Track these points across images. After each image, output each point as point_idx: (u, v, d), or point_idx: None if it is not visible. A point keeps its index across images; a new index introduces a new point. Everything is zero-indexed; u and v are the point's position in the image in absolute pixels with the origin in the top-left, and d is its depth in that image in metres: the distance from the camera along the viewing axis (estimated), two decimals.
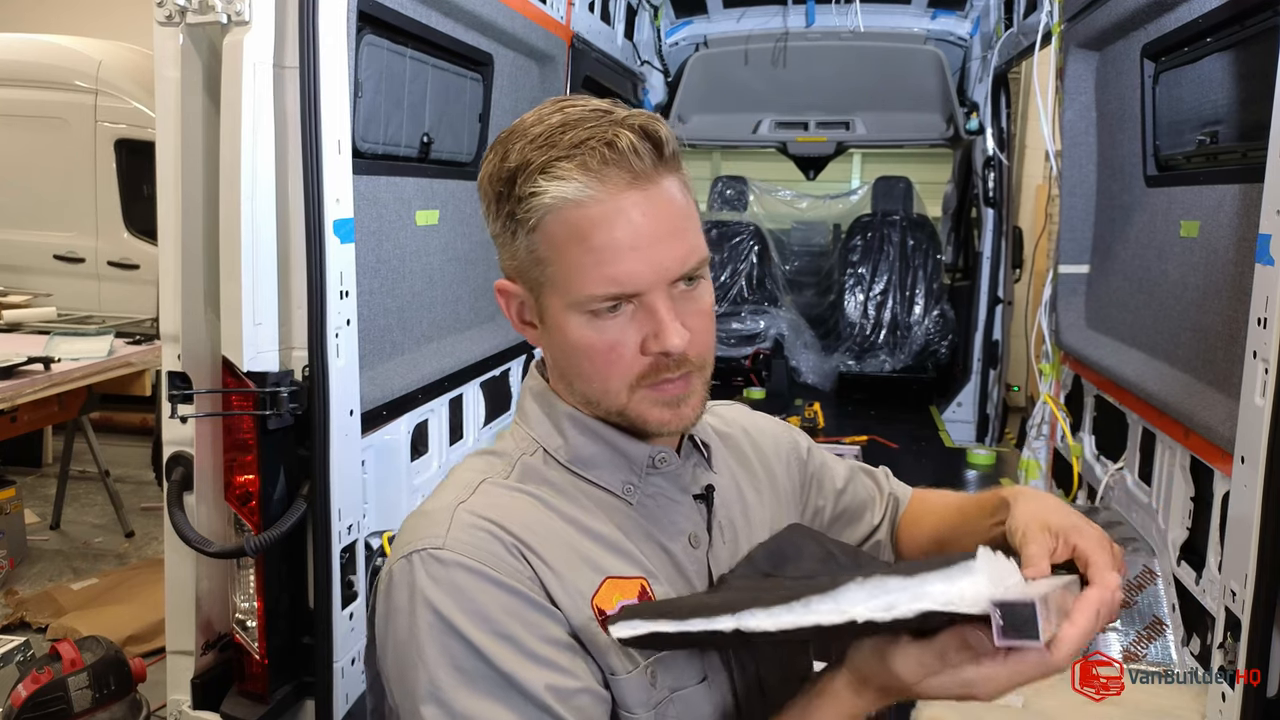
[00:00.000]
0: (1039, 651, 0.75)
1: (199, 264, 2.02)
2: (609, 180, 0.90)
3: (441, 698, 0.88)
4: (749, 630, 0.78)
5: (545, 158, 0.91)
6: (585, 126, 0.91)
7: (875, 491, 1.31)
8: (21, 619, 3.80)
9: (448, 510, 0.95)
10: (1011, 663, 0.76)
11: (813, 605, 0.76)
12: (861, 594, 0.75)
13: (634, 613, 0.84)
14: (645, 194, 0.92)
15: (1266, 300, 1.72)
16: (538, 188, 0.91)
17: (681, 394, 0.97)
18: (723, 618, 0.79)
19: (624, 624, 0.83)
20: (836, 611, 0.75)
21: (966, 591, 0.72)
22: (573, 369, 0.99)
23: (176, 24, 1.92)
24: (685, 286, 0.95)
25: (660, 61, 4.81)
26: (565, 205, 0.91)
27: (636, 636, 0.82)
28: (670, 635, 0.82)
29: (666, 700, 0.94)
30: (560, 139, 0.91)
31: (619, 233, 0.90)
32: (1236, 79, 2.32)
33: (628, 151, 0.90)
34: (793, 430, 1.30)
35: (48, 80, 5.89)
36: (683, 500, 1.05)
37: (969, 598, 0.72)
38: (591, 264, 0.91)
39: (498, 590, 0.90)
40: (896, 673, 0.79)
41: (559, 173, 0.90)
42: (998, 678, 0.77)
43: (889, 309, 5.35)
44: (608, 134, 0.90)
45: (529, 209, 0.93)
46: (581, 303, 0.93)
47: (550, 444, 1.03)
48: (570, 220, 0.91)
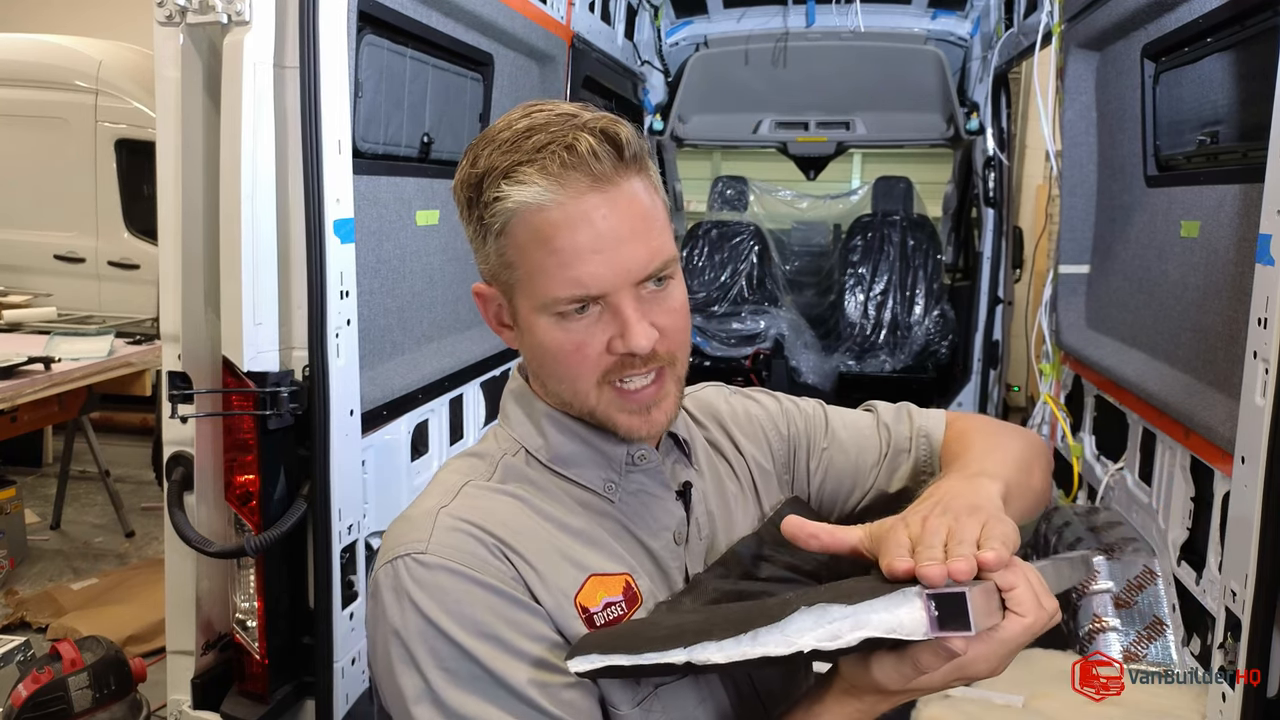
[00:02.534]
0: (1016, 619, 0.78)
1: (199, 264, 2.02)
2: (569, 184, 0.91)
3: (432, 699, 0.89)
4: (700, 663, 0.80)
5: (508, 162, 0.93)
6: (548, 131, 0.93)
7: (879, 445, 1.21)
8: (21, 619, 3.79)
9: (430, 515, 0.96)
10: (993, 639, 0.78)
11: (760, 637, 0.78)
12: (808, 622, 0.77)
13: (591, 645, 0.85)
14: (606, 196, 0.92)
15: (1267, 300, 1.72)
16: (501, 192, 0.93)
17: (652, 399, 0.98)
18: (674, 651, 0.81)
19: (581, 658, 0.84)
20: (784, 643, 0.78)
21: (905, 619, 0.75)
22: (545, 370, 1.01)
23: (177, 24, 1.92)
24: (654, 287, 0.96)
25: (660, 61, 4.81)
26: (527, 209, 0.92)
27: (594, 669, 0.84)
28: (625, 668, 0.83)
29: (651, 696, 0.95)
30: (524, 144, 0.93)
31: (580, 236, 0.92)
32: (1237, 79, 2.32)
33: (587, 155, 0.91)
34: (770, 400, 1.25)
35: (48, 80, 5.88)
36: (665, 496, 1.06)
37: (907, 625, 0.75)
38: (555, 267, 0.93)
39: (482, 591, 0.91)
40: (879, 681, 0.81)
41: (521, 177, 0.92)
42: (987, 656, 0.79)
43: (889, 309, 5.35)
44: (568, 138, 0.91)
45: (494, 213, 0.94)
46: (548, 305, 0.95)
47: (531, 444, 1.04)
48: (533, 224, 0.93)
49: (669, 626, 0.85)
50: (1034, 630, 0.80)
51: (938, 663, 0.77)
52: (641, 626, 0.91)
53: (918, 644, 0.77)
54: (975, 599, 0.75)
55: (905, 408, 1.26)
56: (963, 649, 0.76)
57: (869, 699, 0.85)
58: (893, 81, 4.78)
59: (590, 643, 0.86)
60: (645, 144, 0.98)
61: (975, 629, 0.74)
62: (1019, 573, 0.80)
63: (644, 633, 0.86)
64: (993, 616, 0.78)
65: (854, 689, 0.85)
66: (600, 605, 0.96)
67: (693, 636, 0.81)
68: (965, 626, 0.74)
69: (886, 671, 0.80)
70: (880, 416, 1.24)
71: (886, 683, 0.80)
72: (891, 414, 1.24)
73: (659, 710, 0.95)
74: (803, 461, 1.20)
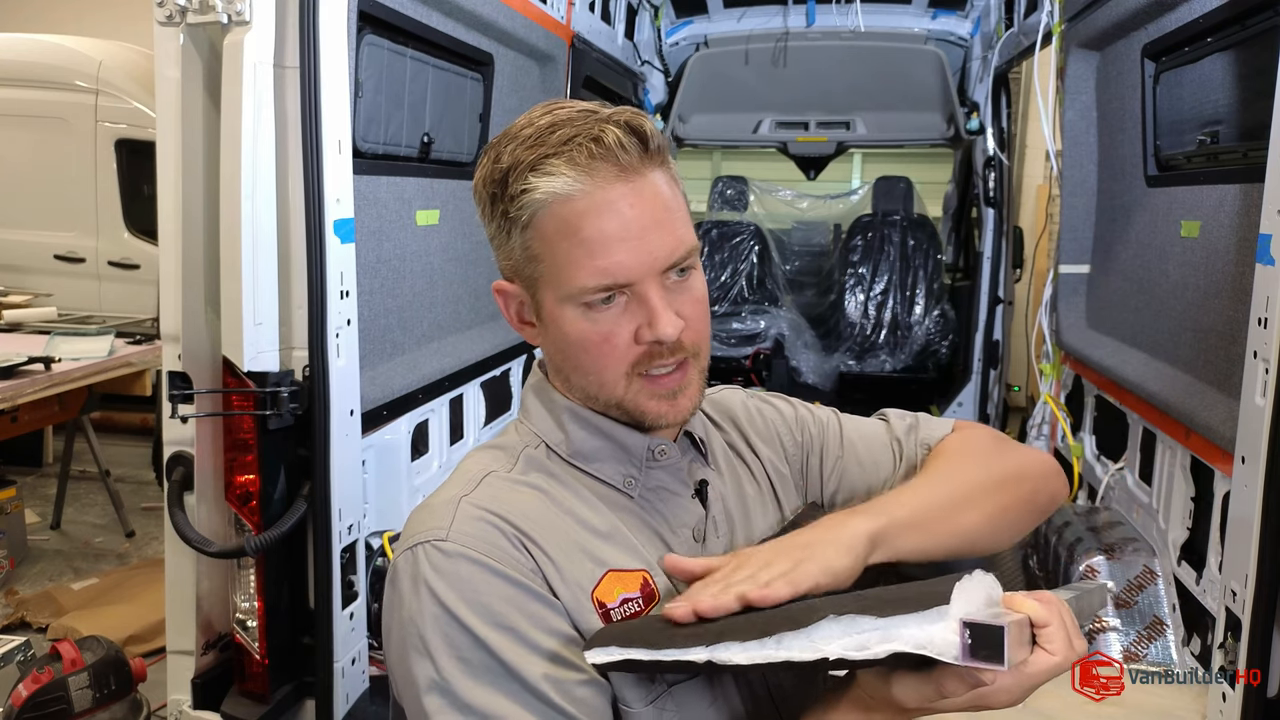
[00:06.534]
0: (1046, 656, 0.78)
1: (199, 264, 2.02)
2: (597, 174, 0.93)
3: (444, 687, 0.89)
4: (721, 662, 0.79)
5: (535, 156, 0.94)
6: (573, 125, 0.94)
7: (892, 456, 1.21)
8: (22, 619, 3.79)
9: (452, 503, 0.96)
10: (1020, 672, 0.78)
11: (785, 641, 0.78)
12: (835, 631, 0.76)
13: (610, 637, 0.85)
14: (632, 186, 0.94)
15: (1267, 300, 1.72)
16: (528, 185, 0.94)
17: (677, 386, 0.99)
18: (696, 649, 0.80)
19: (599, 650, 0.84)
20: (810, 649, 0.77)
21: (936, 637, 0.74)
22: (569, 363, 1.01)
23: (177, 24, 1.92)
24: (677, 277, 0.97)
25: (661, 61, 4.81)
26: (555, 200, 0.94)
27: (612, 662, 0.84)
28: (644, 663, 0.83)
29: (665, 694, 0.94)
30: (549, 138, 0.94)
31: (608, 224, 0.93)
32: (1237, 79, 2.32)
33: (614, 146, 0.93)
34: (786, 406, 1.25)
35: (48, 80, 5.88)
36: (684, 493, 1.06)
37: (938, 643, 0.73)
38: (583, 256, 0.94)
39: (500, 581, 0.91)
40: (898, 700, 0.81)
41: (548, 169, 0.93)
42: (1010, 688, 0.78)
43: (889, 309, 5.35)
44: (594, 130, 0.93)
45: (521, 206, 0.95)
46: (575, 295, 0.95)
47: (551, 438, 1.05)
48: (561, 214, 0.94)
49: (690, 624, 0.84)
50: (1061, 669, 0.79)
51: (962, 689, 0.77)
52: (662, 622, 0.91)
53: (944, 668, 0.76)
54: (1011, 633, 0.73)
55: (917, 417, 1.25)
56: (991, 680, 0.76)
57: (882, 715, 0.85)
58: (893, 81, 4.79)
59: (609, 635, 0.86)
60: (666, 138, 0.99)
61: (1009, 664, 0.73)
62: (1054, 611, 0.80)
63: (665, 629, 0.85)
64: (1023, 650, 0.77)
65: (869, 702, 0.85)
66: (617, 601, 0.96)
67: (714, 636, 0.80)
68: (999, 660, 0.72)
69: (907, 690, 0.80)
70: (893, 427, 1.23)
71: (904, 701, 0.80)
72: (904, 425, 1.24)
73: (672, 709, 0.95)
74: (815, 469, 1.20)
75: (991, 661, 0.73)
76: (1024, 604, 0.80)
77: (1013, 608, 0.80)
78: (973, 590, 0.78)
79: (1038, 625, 0.79)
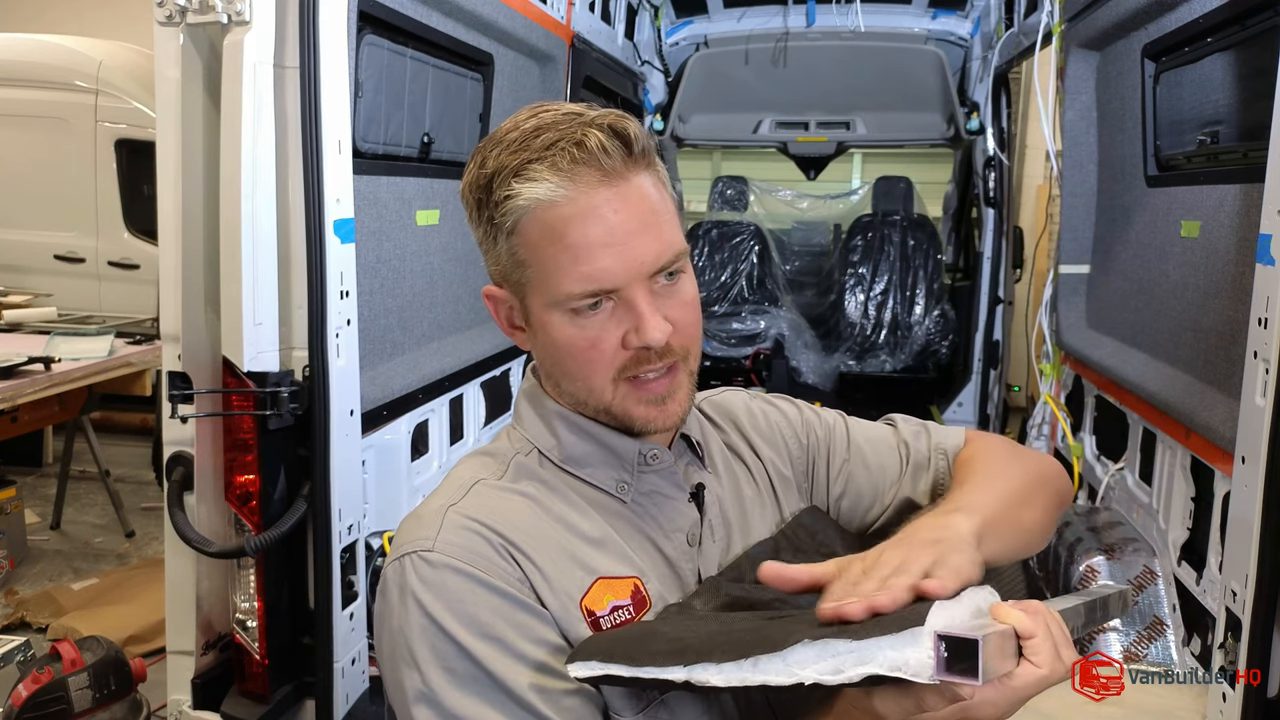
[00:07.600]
0: (1032, 669, 0.76)
1: (199, 264, 2.02)
2: (580, 179, 0.92)
3: (432, 698, 0.89)
4: (698, 683, 0.79)
5: (518, 161, 0.93)
6: (556, 129, 0.93)
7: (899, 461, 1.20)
8: (22, 619, 3.80)
9: (439, 512, 0.96)
10: (1004, 686, 0.76)
11: (761, 664, 0.78)
12: (810, 655, 0.76)
13: (593, 650, 0.85)
14: (616, 191, 0.93)
15: (1267, 300, 1.72)
16: (512, 191, 0.93)
17: (666, 391, 0.98)
18: (674, 668, 0.80)
19: (581, 664, 0.84)
20: (785, 673, 0.77)
21: (912, 659, 0.73)
22: (558, 368, 1.00)
23: (177, 24, 1.92)
24: (665, 280, 0.96)
25: (660, 61, 4.81)
26: (539, 206, 0.93)
27: (593, 676, 0.83)
28: (625, 678, 0.83)
29: (658, 703, 0.94)
30: (533, 142, 0.93)
31: (592, 230, 0.92)
32: (1237, 79, 2.32)
33: (597, 150, 0.92)
34: (791, 408, 1.24)
35: (48, 80, 5.89)
36: (678, 497, 1.05)
37: (913, 664, 0.73)
38: (568, 262, 0.93)
39: (486, 592, 0.91)
40: (880, 711, 0.80)
41: (531, 174, 0.93)
42: (995, 701, 0.76)
43: (889, 309, 5.35)
44: (577, 135, 0.92)
45: (505, 212, 0.95)
46: (561, 301, 0.95)
47: (543, 444, 1.04)
48: (545, 221, 0.93)
49: (672, 639, 0.84)
50: (1048, 682, 0.77)
51: (941, 704, 0.76)
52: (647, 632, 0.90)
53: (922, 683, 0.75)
54: (989, 645, 0.72)
55: (926, 424, 1.24)
56: (969, 695, 0.74)
57: None
58: (893, 81, 4.78)
59: (593, 647, 0.85)
60: (652, 140, 0.98)
61: (984, 678, 0.72)
62: (1040, 620, 0.78)
63: (647, 642, 0.85)
64: (1006, 663, 0.76)
65: (854, 714, 0.84)
66: (607, 609, 0.96)
67: (694, 655, 0.80)
68: (973, 674, 0.71)
69: (888, 704, 0.79)
70: (901, 432, 1.22)
71: (886, 714, 0.79)
72: (911, 429, 1.23)
73: (665, 717, 0.94)
74: (821, 472, 1.19)
75: (966, 676, 0.72)
76: (1009, 615, 0.78)
77: (998, 619, 0.78)
78: (957, 604, 0.78)
79: (1023, 636, 0.77)
